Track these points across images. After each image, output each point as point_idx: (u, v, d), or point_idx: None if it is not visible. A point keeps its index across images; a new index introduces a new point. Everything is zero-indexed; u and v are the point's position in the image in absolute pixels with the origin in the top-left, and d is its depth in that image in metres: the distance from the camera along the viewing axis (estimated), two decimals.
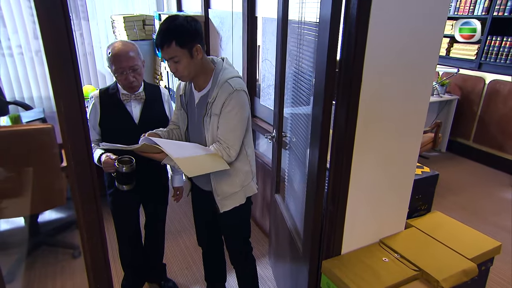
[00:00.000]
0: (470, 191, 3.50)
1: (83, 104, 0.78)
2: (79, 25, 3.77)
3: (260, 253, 2.53)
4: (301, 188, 1.78)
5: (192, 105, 1.59)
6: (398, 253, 1.45)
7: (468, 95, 4.16)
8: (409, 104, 1.36)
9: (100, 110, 1.69)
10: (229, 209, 1.61)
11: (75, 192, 0.84)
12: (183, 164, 1.35)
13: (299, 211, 1.80)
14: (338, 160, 1.34)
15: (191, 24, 1.41)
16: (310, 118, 1.57)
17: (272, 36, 2.30)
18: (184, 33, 1.39)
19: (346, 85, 1.23)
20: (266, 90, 2.48)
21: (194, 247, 2.55)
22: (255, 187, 1.68)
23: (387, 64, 1.25)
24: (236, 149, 1.50)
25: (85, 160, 0.81)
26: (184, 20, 1.41)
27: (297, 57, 1.82)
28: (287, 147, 2.08)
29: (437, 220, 1.71)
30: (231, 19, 2.70)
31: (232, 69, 1.52)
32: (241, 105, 1.46)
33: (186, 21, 1.41)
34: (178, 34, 1.38)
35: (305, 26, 1.67)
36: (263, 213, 2.72)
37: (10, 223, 2.55)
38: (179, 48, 1.39)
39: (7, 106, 3.35)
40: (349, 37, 1.19)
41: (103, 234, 0.97)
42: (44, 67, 3.66)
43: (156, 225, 2.06)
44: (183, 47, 1.39)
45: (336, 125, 1.31)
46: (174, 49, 1.39)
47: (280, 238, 2.08)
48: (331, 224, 1.43)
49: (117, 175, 1.60)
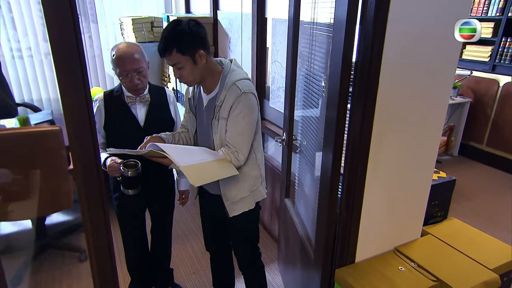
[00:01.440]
0: (483, 197, 3.41)
1: (91, 107, 0.74)
2: (87, 27, 3.78)
3: (269, 258, 2.48)
4: (312, 193, 1.73)
5: (201, 108, 1.55)
6: (415, 262, 1.39)
7: (481, 97, 4.07)
8: (427, 107, 1.30)
9: (105, 113, 1.66)
10: (238, 213, 1.57)
11: (82, 196, 0.81)
12: (190, 172, 1.29)
13: (310, 217, 1.75)
14: (352, 165, 1.29)
15: (193, 29, 1.37)
16: (322, 121, 1.53)
17: (282, 37, 2.26)
18: (184, 40, 1.36)
19: (362, 87, 1.18)
20: (276, 93, 2.44)
21: (202, 252, 2.51)
22: (264, 191, 1.64)
23: (405, 65, 1.20)
24: (245, 153, 1.46)
25: (92, 163, 0.77)
26: (186, 26, 1.37)
27: (308, 58, 1.77)
28: (297, 150, 2.04)
29: (454, 228, 1.64)
30: (240, 20, 2.67)
31: (240, 71, 1.49)
32: (250, 108, 1.42)
33: (188, 27, 1.37)
34: (178, 42, 1.35)
35: (317, 27, 1.63)
36: (272, 217, 2.67)
37: (18, 225, 2.54)
38: (181, 55, 1.36)
39: (16, 108, 3.36)
40: (366, 38, 1.14)
41: (110, 238, 0.93)
42: (53, 70, 3.66)
43: (163, 229, 2.02)
44: (184, 54, 1.36)
45: (351, 128, 1.26)
46: (176, 57, 1.36)
47: (290, 244, 2.03)
48: (344, 231, 1.38)
49: (123, 180, 1.56)
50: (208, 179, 1.37)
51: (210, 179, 1.38)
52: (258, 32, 2.47)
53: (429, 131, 1.36)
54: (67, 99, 0.73)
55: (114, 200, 1.79)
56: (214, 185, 1.55)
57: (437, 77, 1.27)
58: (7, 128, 2.32)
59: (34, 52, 3.58)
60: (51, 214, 2.63)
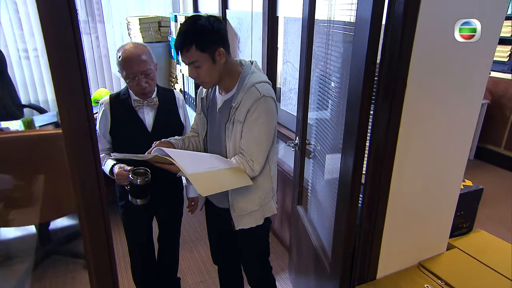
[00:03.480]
0: (503, 204, 3.27)
1: (92, 116, 0.65)
2: (94, 27, 3.73)
3: (279, 267, 2.38)
4: (327, 202, 1.63)
5: (213, 110, 1.44)
6: (441, 279, 1.28)
7: (499, 99, 3.91)
8: (458, 110, 1.20)
9: (111, 118, 1.57)
10: (246, 228, 1.47)
11: (82, 218, 0.72)
12: (198, 181, 1.19)
13: (325, 227, 1.65)
14: (375, 172, 1.19)
15: (214, 25, 1.27)
16: (339, 125, 1.43)
17: (295, 37, 2.16)
18: (205, 36, 1.25)
19: (388, 88, 1.08)
20: (287, 94, 2.35)
21: (210, 259, 2.40)
22: (275, 207, 1.52)
23: (436, 65, 1.09)
24: (261, 163, 1.35)
25: (94, 183, 0.68)
26: (206, 21, 1.27)
27: (324, 59, 1.67)
28: (311, 155, 1.94)
29: (482, 240, 1.53)
30: (250, 19, 2.58)
31: (260, 74, 1.38)
32: (268, 113, 1.32)
33: (208, 22, 1.26)
34: (198, 38, 1.25)
35: (335, 25, 1.53)
36: (283, 224, 2.57)
37: (21, 230, 2.48)
38: (200, 52, 1.25)
39: (22, 109, 3.31)
40: (394, 35, 1.04)
41: (113, 262, 0.84)
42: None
43: (170, 237, 1.93)
44: (204, 52, 1.26)
45: (374, 133, 1.16)
46: (194, 54, 1.26)
47: (303, 254, 1.93)
48: (365, 245, 1.28)
49: (131, 188, 1.48)
50: (218, 188, 1.26)
51: (220, 188, 1.27)
52: (269, 32, 2.38)
53: (459, 137, 1.25)
54: (63, 105, 0.65)
55: (120, 208, 1.71)
56: (222, 198, 1.45)
57: (469, 77, 1.16)
58: (10, 131, 2.25)
59: (40, 52, 3.53)
60: (55, 220, 2.56)
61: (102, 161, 1.59)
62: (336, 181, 1.38)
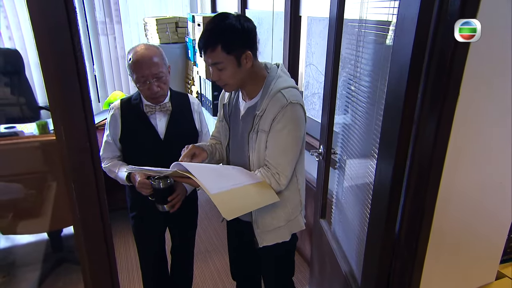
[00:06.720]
0: None
1: (94, 135, 0.54)
2: (112, 28, 3.69)
3: (299, 281, 2.25)
4: (356, 219, 1.48)
5: (236, 117, 1.33)
6: None
7: None
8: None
9: (121, 124, 1.48)
10: (270, 244, 1.34)
11: (82, 249, 0.61)
12: (222, 202, 1.07)
13: (353, 247, 1.51)
14: (418, 191, 1.04)
15: (244, 25, 1.15)
16: (369, 133, 1.29)
17: (319, 38, 2.02)
18: (233, 36, 1.14)
19: (437, 92, 0.93)
20: (310, 99, 2.21)
21: (225, 271, 2.31)
22: (303, 222, 1.40)
23: (495, 66, 0.94)
24: (288, 176, 1.22)
25: (95, 212, 0.57)
26: (236, 20, 1.15)
27: (354, 61, 1.53)
28: (336, 166, 1.79)
29: None
30: (271, 20, 2.45)
31: (287, 78, 1.26)
32: (296, 122, 1.19)
33: (238, 22, 1.15)
34: (225, 38, 1.14)
35: (368, 26, 1.39)
36: (303, 236, 2.43)
37: (33, 236, 2.43)
38: (225, 54, 1.14)
39: (39, 110, 3.29)
40: (444, 36, 0.89)
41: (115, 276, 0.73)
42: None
43: (184, 248, 1.83)
44: (230, 53, 1.14)
45: (418, 144, 1.01)
46: (219, 55, 1.14)
47: (327, 274, 1.79)
48: (403, 273, 1.13)
49: (156, 194, 1.38)
50: (243, 210, 1.14)
51: (245, 210, 1.15)
52: (291, 32, 2.25)
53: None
54: (61, 136, 0.53)
55: (131, 219, 1.62)
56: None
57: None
58: (21, 136, 2.20)
59: None
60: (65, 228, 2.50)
61: (115, 168, 1.49)
62: (366, 196, 1.24)
